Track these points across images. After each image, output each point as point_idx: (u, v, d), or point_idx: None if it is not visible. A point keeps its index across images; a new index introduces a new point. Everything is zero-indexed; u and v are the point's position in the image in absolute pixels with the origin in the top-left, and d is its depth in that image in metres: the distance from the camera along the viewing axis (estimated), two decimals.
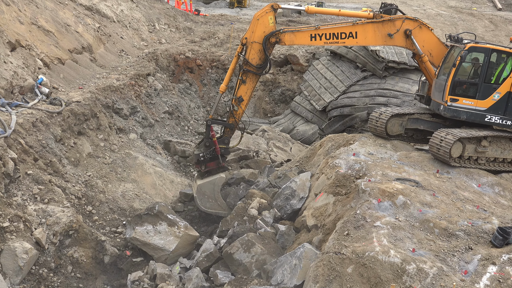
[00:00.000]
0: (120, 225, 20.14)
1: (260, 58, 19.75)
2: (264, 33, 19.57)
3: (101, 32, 29.94)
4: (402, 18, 20.47)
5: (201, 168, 20.80)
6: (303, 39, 20.07)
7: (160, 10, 37.27)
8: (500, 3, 47.83)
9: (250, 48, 19.63)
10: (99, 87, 24.18)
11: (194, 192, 20.80)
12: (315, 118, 29.45)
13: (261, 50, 19.65)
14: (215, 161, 20.67)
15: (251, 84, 20.02)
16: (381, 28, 20.33)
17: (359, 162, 19.19)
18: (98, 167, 21.41)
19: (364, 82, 28.59)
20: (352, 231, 15.46)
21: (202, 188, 20.65)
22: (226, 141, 20.65)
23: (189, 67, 31.21)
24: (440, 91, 20.20)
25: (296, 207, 19.54)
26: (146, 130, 25.52)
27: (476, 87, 19.78)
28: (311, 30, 19.94)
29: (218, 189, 20.71)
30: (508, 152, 20.03)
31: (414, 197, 16.64)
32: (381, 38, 20.48)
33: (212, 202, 20.75)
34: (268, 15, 19.59)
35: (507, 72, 19.72)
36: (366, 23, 20.24)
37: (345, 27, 20.11)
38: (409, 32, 20.39)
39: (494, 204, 17.60)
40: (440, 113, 20.24)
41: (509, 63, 19.68)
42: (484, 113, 19.83)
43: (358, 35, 20.20)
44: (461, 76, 19.90)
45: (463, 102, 19.86)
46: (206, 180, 20.69)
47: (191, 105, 29.84)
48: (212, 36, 35.01)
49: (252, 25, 19.59)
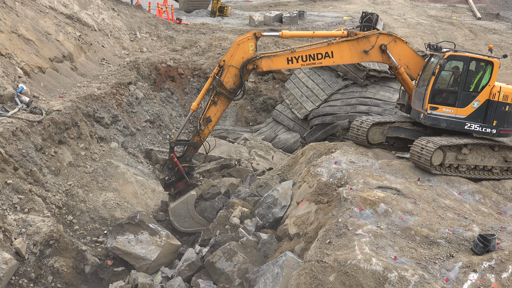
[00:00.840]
0: (101, 234, 20.02)
1: (234, 82, 19.66)
2: (243, 58, 19.51)
3: (82, 40, 29.82)
4: (376, 34, 20.55)
5: (171, 191, 20.64)
6: (280, 63, 20.03)
7: (142, 19, 37.20)
8: (479, 13, 48.27)
9: (226, 71, 19.52)
10: (80, 96, 24.06)
11: (170, 216, 20.65)
12: (297, 126, 29.50)
13: (237, 75, 19.57)
14: (182, 180, 20.48)
15: (221, 106, 19.92)
16: (356, 45, 20.37)
17: (340, 170, 19.23)
18: (79, 176, 21.29)
19: (345, 91, 28.69)
20: (334, 239, 15.47)
21: (176, 210, 20.53)
22: (188, 158, 20.44)
23: (170, 75, 31.15)
24: (420, 100, 20.32)
25: (278, 216, 19.52)
26: (128, 139, 25.43)
27: (455, 95, 19.93)
28: (287, 54, 19.89)
29: (191, 207, 20.57)
30: (488, 160, 20.17)
31: (395, 205, 16.69)
32: (357, 55, 20.50)
33: (189, 221, 20.64)
34: (249, 42, 19.55)
35: (486, 80, 19.89)
36: (341, 41, 20.25)
37: (320, 48, 20.08)
38: (384, 47, 20.49)
39: (475, 212, 17.70)
40: (420, 121, 20.35)
41: (487, 71, 19.85)
42: (464, 121, 19.97)
43: (334, 54, 20.19)
44: (440, 85, 20.04)
45: (443, 110, 19.99)
46: (178, 201, 20.55)
47: (172, 113, 29.77)
48: (193, 44, 34.99)
49: (232, 49, 19.51)
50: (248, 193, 21.36)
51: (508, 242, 15.50)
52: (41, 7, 29.40)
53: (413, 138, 20.73)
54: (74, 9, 32.22)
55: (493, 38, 40.61)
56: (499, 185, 20.00)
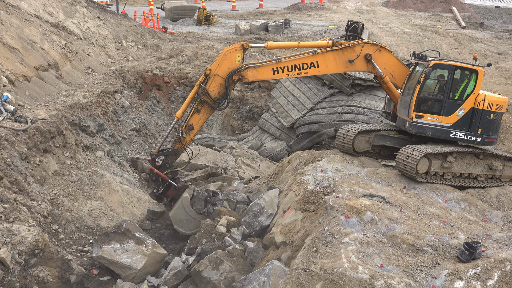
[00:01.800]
0: (86, 243, 19.92)
1: (219, 92, 19.64)
2: (229, 69, 19.51)
3: (67, 49, 29.73)
4: (361, 44, 20.63)
5: (164, 201, 20.66)
6: (265, 73, 20.04)
7: (127, 28, 37.15)
8: (464, 22, 48.60)
9: (212, 80, 19.51)
10: (65, 105, 23.97)
11: (173, 224, 20.66)
12: (283, 135, 29.53)
13: (222, 85, 19.57)
14: (171, 187, 20.46)
15: (204, 115, 19.90)
16: (341, 55, 20.42)
17: (327, 178, 19.27)
18: (65, 185, 21.18)
19: (331, 99, 28.77)
20: (320, 247, 15.48)
21: (176, 216, 20.51)
22: (168, 165, 20.33)
23: (156, 84, 31.12)
24: (406, 108, 20.42)
25: (264, 224, 19.52)
26: (113, 148, 25.34)
27: (440, 104, 20.05)
28: (272, 64, 19.91)
29: (189, 208, 20.51)
30: (474, 168, 20.29)
31: (381, 213, 16.74)
32: (343, 65, 20.57)
33: (192, 222, 20.56)
34: (236, 53, 19.55)
35: (470, 89, 20.04)
36: (326, 51, 20.30)
37: (305, 58, 20.12)
38: (369, 56, 20.56)
39: (460, 220, 17.78)
40: (406, 129, 20.45)
41: (472, 79, 19.99)
42: (449, 129, 20.09)
43: (319, 64, 20.23)
44: (425, 93, 20.15)
45: (428, 119, 20.10)
46: (175, 208, 20.52)
47: (158, 122, 29.73)
48: (179, 53, 34.97)
49: (219, 58, 19.52)
50: (237, 196, 21.41)
51: (493, 249, 15.58)
52: (26, 15, 29.31)
53: (398, 146, 20.82)
54: (59, 17, 32.14)
55: (477, 47, 40.90)
56: (484, 192, 20.12)
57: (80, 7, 34.46)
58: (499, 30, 47.83)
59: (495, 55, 39.13)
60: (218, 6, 54.53)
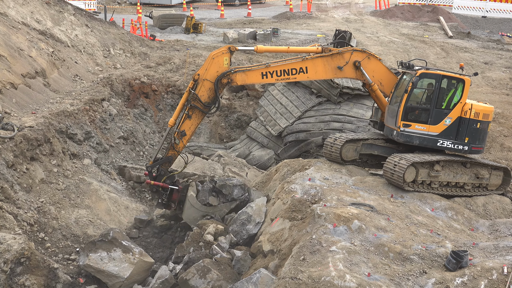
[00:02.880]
0: (73, 252, 19.82)
1: (209, 96, 19.69)
2: (217, 72, 19.57)
3: (55, 56, 29.64)
4: (350, 51, 20.71)
5: (173, 207, 20.93)
6: (254, 78, 20.12)
7: (115, 35, 37.09)
8: (451, 31, 48.87)
9: (201, 85, 19.56)
10: (52, 112, 23.88)
11: (190, 224, 20.94)
12: (271, 143, 29.54)
13: (211, 89, 19.61)
14: (174, 192, 20.62)
15: (196, 120, 19.96)
16: (330, 61, 20.49)
17: (314, 187, 19.29)
18: (51, 193, 21.08)
19: (319, 108, 28.81)
20: (308, 256, 15.48)
21: (188, 217, 20.97)
22: (163, 172, 20.39)
23: (144, 92, 31.06)
24: (393, 117, 20.49)
25: (252, 232, 19.51)
26: (101, 156, 25.25)
27: (428, 113, 20.13)
28: (261, 69, 19.97)
29: (197, 205, 20.82)
30: (461, 176, 20.38)
31: (369, 222, 16.77)
32: (331, 71, 20.63)
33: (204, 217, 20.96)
34: (223, 56, 19.63)
35: (457, 98, 20.14)
36: (316, 57, 20.37)
37: (295, 63, 20.20)
38: (358, 63, 20.63)
39: (447, 228, 17.84)
40: (393, 138, 20.51)
41: (459, 88, 20.10)
42: (436, 138, 20.17)
43: (308, 70, 20.30)
44: (413, 102, 20.23)
45: (416, 128, 20.17)
46: (185, 209, 20.90)
47: (146, 130, 29.66)
48: (167, 61, 34.94)
49: (207, 63, 19.59)
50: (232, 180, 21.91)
51: (480, 258, 15.63)
52: (14, 22, 29.21)
53: (386, 155, 20.88)
54: (47, 25, 32.05)
55: (464, 56, 41.14)
56: (471, 201, 20.20)
57: (68, 14, 34.39)
58: (485, 40, 48.14)
59: (482, 65, 39.38)
60: (207, 14, 54.58)
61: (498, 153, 25.38)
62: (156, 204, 21.23)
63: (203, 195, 21.10)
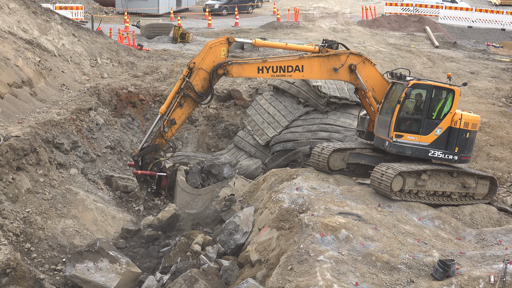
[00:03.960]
0: (59, 262, 19.70)
1: (203, 86, 19.41)
2: (214, 62, 19.29)
3: (41, 66, 29.55)
4: (346, 53, 20.65)
5: (163, 195, 20.34)
6: (250, 71, 19.91)
7: (102, 45, 37.02)
8: (437, 41, 49.14)
9: (195, 74, 19.25)
10: (39, 122, 23.78)
11: (183, 210, 20.62)
12: (259, 152, 29.52)
13: (206, 79, 19.33)
14: (162, 179, 20.03)
15: (187, 109, 19.60)
16: (326, 62, 20.38)
17: (302, 196, 19.29)
18: (38, 203, 20.96)
19: (306, 117, 28.85)
20: (295, 265, 15.47)
21: (181, 202, 20.37)
22: (149, 160, 19.81)
23: (131, 101, 30.97)
24: (385, 127, 20.51)
25: (239, 242, 19.47)
26: (87, 165, 25.15)
27: (419, 123, 20.23)
28: (258, 63, 19.80)
29: (189, 188, 20.30)
30: (447, 186, 20.46)
31: (356, 231, 16.78)
32: (326, 72, 20.51)
33: (197, 200, 20.41)
34: (221, 46, 19.36)
35: (447, 108, 20.28)
36: (312, 57, 20.27)
37: (291, 61, 20.08)
38: (354, 67, 20.57)
39: (435, 237, 17.89)
40: (386, 149, 20.51)
41: (449, 99, 20.26)
42: (427, 148, 20.27)
43: (304, 68, 20.14)
44: (405, 113, 20.29)
45: (408, 138, 20.24)
46: (176, 195, 20.26)
47: (133, 140, 29.57)
48: (155, 70, 34.89)
49: (203, 52, 19.30)
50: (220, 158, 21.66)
51: (467, 267, 15.68)
52: (0, 32, 29.11)
53: (373, 164, 20.93)
54: (34, 34, 31.95)
55: (450, 66, 41.37)
56: (458, 210, 20.28)
57: (55, 24, 34.30)
58: (471, 49, 48.47)
59: (468, 74, 39.61)
60: (194, 24, 54.61)
61: (485, 162, 25.51)
62: (145, 194, 20.51)
63: (193, 178, 20.59)
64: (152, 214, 23.94)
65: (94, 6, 57.94)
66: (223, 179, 21.11)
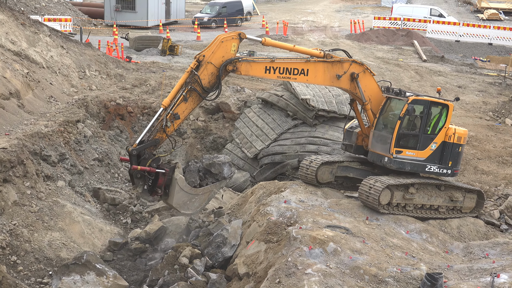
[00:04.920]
0: (46, 275, 19.55)
1: (209, 81, 18.58)
2: (223, 57, 18.56)
3: (29, 78, 29.47)
4: (350, 61, 20.52)
5: (159, 193, 18.80)
6: (258, 70, 19.35)
7: (91, 57, 36.98)
8: (425, 55, 49.43)
9: (204, 68, 18.42)
10: (26, 134, 23.68)
11: (178, 210, 19.19)
12: (247, 165, 29.53)
13: (214, 74, 18.55)
14: (160, 176, 18.56)
15: (191, 104, 18.68)
16: (330, 68, 20.09)
17: (290, 209, 19.29)
18: (24, 216, 20.83)
19: (295, 130, 28.91)
20: (283, 278, 15.43)
21: (178, 202, 18.88)
22: (147, 155, 18.54)
23: (120, 114, 30.93)
24: (383, 143, 20.42)
25: (227, 255, 19.41)
26: (75, 178, 25.03)
27: (416, 138, 20.31)
28: (266, 62, 19.33)
29: (187, 187, 18.96)
30: (435, 199, 20.54)
31: (344, 244, 16.79)
32: (329, 79, 20.22)
33: (194, 200, 19.17)
34: (232, 41, 18.74)
35: (442, 123, 20.45)
36: (318, 61, 19.98)
37: (298, 63, 19.70)
38: (357, 75, 20.41)
39: (422, 251, 17.91)
40: (385, 165, 20.38)
41: (444, 113, 20.42)
42: (424, 163, 20.38)
43: (309, 72, 19.76)
44: (404, 129, 20.28)
45: (406, 154, 20.30)
46: (173, 194, 18.79)
47: (121, 152, 29.49)
48: (143, 83, 34.86)
49: (214, 45, 18.57)
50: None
51: (454, 280, 15.71)
52: None
53: (361, 178, 20.96)
54: (22, 46, 31.89)
55: (438, 80, 41.61)
56: (446, 224, 20.35)
57: (43, 35, 34.25)
58: (459, 63, 48.79)
59: (456, 88, 39.86)
60: (183, 36, 54.68)
61: (472, 176, 25.64)
62: (140, 191, 18.73)
63: (191, 177, 19.27)
64: (139, 227, 23.84)
65: (83, 18, 57.90)
66: (223, 179, 19.99)
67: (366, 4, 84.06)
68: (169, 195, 18.96)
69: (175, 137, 19.02)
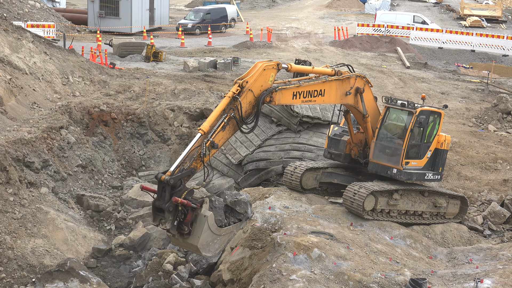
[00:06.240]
0: (29, 282, 19.41)
1: (246, 110, 17.03)
2: (262, 87, 17.19)
3: (12, 84, 29.30)
4: (354, 76, 19.77)
5: (185, 231, 16.09)
6: (287, 98, 18.05)
7: (74, 63, 36.82)
8: (408, 62, 49.71)
9: (245, 95, 16.86)
10: (9, 140, 23.53)
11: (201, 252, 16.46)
12: (231, 171, 29.49)
13: (251, 103, 17.08)
14: (190, 212, 16.03)
15: (228, 133, 16.94)
16: (341, 85, 19.27)
17: (274, 215, 19.30)
18: (7, 223, 20.68)
19: (279, 137, 28.93)
20: (268, 285, 15.43)
21: (204, 241, 16.20)
22: (182, 187, 16.14)
23: (103, 120, 30.81)
24: (392, 154, 20.20)
25: (212, 261, 19.37)
26: (58, 184, 24.91)
27: (419, 148, 20.42)
28: (293, 88, 18.05)
29: (214, 227, 16.33)
30: (419, 205, 20.65)
31: (329, 250, 16.81)
32: (340, 96, 19.37)
33: (216, 241, 16.50)
34: (271, 71, 17.34)
35: (436, 131, 20.66)
36: (332, 80, 19.04)
37: (317, 84, 18.66)
38: (362, 90, 19.82)
39: (406, 256, 17.98)
40: (394, 176, 20.21)
41: (437, 121, 20.60)
42: (423, 172, 20.52)
43: (325, 92, 18.81)
44: (413, 139, 20.23)
45: (412, 164, 20.40)
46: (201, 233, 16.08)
47: (105, 158, 29.37)
48: (127, 89, 34.76)
49: (257, 72, 17.05)
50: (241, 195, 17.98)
51: (438, 286, 15.77)
52: None
53: (346, 184, 21.00)
54: (4, 52, 31.71)
55: (421, 86, 41.84)
56: (429, 229, 20.44)
57: (26, 41, 34.08)
58: (442, 70, 49.11)
59: (439, 95, 40.10)
60: (167, 43, 54.60)
61: (456, 182, 25.78)
62: (169, 227, 15.88)
63: (218, 215, 16.68)
64: (123, 233, 23.73)
65: (66, 24, 57.65)
66: (246, 219, 17.54)
67: (349, 11, 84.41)
68: (192, 234, 16.24)
69: (208, 167, 16.95)
